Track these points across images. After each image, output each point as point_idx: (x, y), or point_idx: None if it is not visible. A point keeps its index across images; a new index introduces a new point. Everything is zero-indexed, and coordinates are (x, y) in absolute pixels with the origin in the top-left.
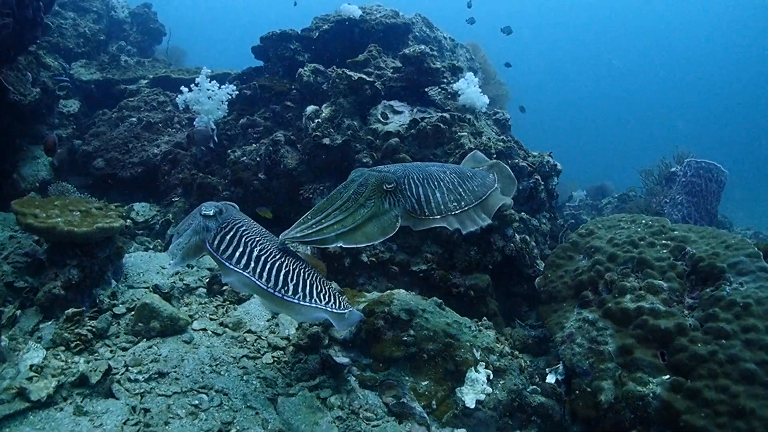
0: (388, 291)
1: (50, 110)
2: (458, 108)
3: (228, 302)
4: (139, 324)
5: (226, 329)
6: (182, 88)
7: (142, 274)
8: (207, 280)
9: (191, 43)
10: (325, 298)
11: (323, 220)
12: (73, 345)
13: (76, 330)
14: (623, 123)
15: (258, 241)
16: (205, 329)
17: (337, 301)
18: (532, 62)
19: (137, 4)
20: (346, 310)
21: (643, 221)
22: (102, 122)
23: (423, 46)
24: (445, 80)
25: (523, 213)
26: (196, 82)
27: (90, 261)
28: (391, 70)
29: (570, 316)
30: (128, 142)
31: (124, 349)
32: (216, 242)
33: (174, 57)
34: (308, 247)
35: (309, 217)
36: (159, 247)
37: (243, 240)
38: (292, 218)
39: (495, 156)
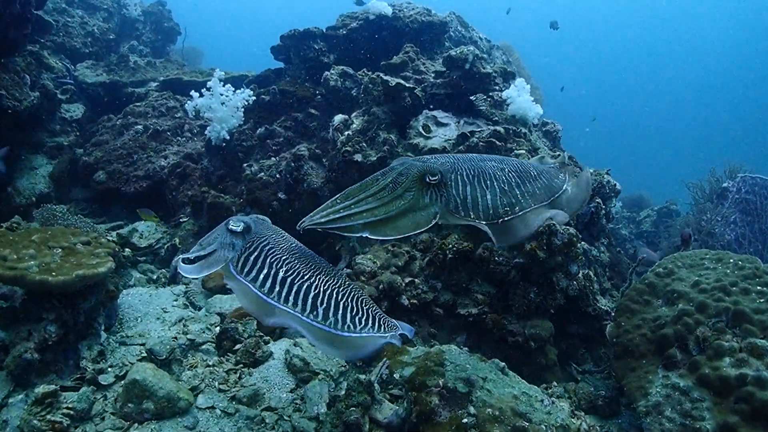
0: (436, 347)
1: (51, 116)
2: (507, 119)
3: (242, 364)
4: (129, 405)
5: (240, 405)
6: (192, 93)
7: (139, 320)
8: (217, 328)
9: (208, 43)
10: (362, 323)
11: (353, 206)
12: None
13: (48, 417)
14: (656, 128)
15: (284, 260)
16: (213, 407)
17: (377, 323)
18: (559, 62)
19: (151, 2)
20: (388, 333)
21: (731, 260)
22: (106, 130)
23: (471, 47)
24: (497, 87)
25: (583, 242)
26: (208, 86)
27: (72, 313)
28: (433, 75)
29: (654, 380)
30: (133, 153)
31: None
32: (240, 264)
33: (190, 57)
34: None
35: (337, 201)
36: (163, 278)
37: (268, 260)
38: (318, 249)
39: None
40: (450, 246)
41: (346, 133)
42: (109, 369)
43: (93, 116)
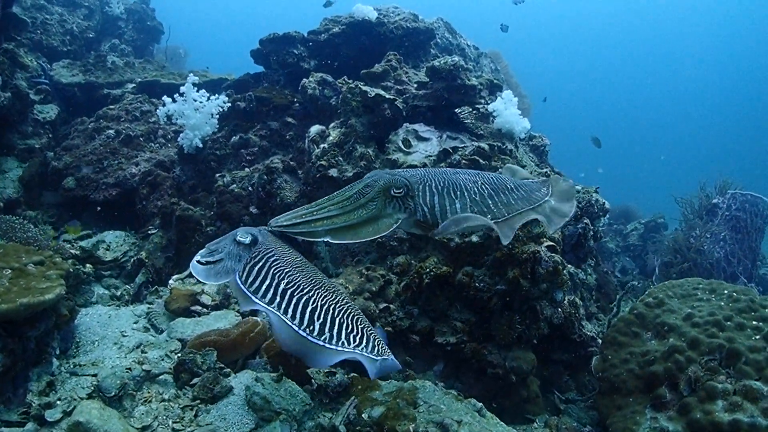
0: (410, 383)
1: (23, 117)
2: (493, 133)
3: (198, 401)
4: None
5: None
6: (165, 98)
7: (96, 344)
8: (177, 356)
9: (194, 43)
10: (355, 341)
11: (316, 213)
12: None
13: None
14: (643, 137)
15: (287, 272)
16: None
17: (371, 344)
18: (542, 67)
19: (134, 0)
20: (379, 358)
21: (725, 291)
22: (77, 133)
23: (456, 58)
24: (482, 100)
25: (569, 266)
26: (181, 91)
27: (19, 342)
28: (416, 86)
29: (641, 421)
30: (103, 159)
31: None
32: (245, 274)
33: (174, 57)
34: None
35: (302, 209)
36: (127, 295)
37: (271, 272)
38: None
39: None
40: (427, 270)
41: (322, 146)
42: (58, 402)
43: (68, 117)
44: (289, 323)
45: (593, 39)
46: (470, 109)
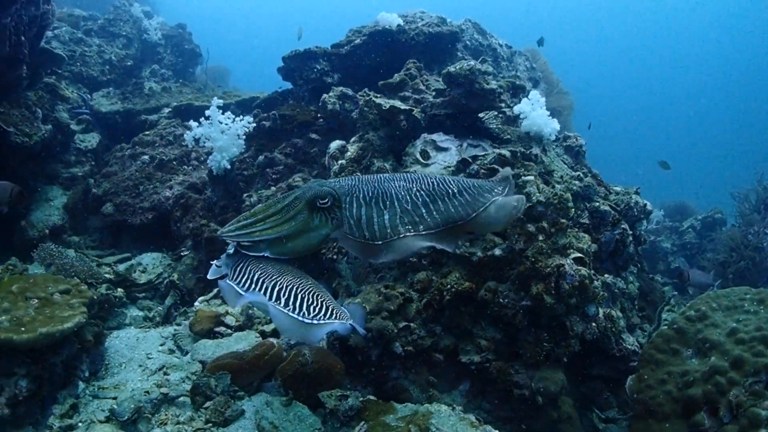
0: (425, 408)
1: (65, 147)
2: (520, 137)
3: (211, 424)
4: None
5: None
6: (191, 122)
7: (123, 366)
8: (194, 379)
9: (236, 62)
10: (314, 311)
11: (254, 225)
12: None
13: None
14: (701, 129)
15: (261, 267)
16: None
17: (329, 312)
18: (589, 60)
19: (171, 25)
20: (336, 322)
21: None
22: (115, 160)
23: (472, 62)
24: (502, 104)
25: (606, 276)
26: (206, 114)
27: (43, 367)
28: (434, 94)
29: None
30: (139, 184)
31: None
32: (232, 272)
33: (215, 76)
34: (323, 342)
35: (242, 218)
36: (158, 317)
37: (249, 267)
38: (316, 280)
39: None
40: (448, 286)
41: (340, 161)
42: (80, 424)
43: (110, 144)
44: (265, 300)
45: (638, 29)
46: (495, 113)
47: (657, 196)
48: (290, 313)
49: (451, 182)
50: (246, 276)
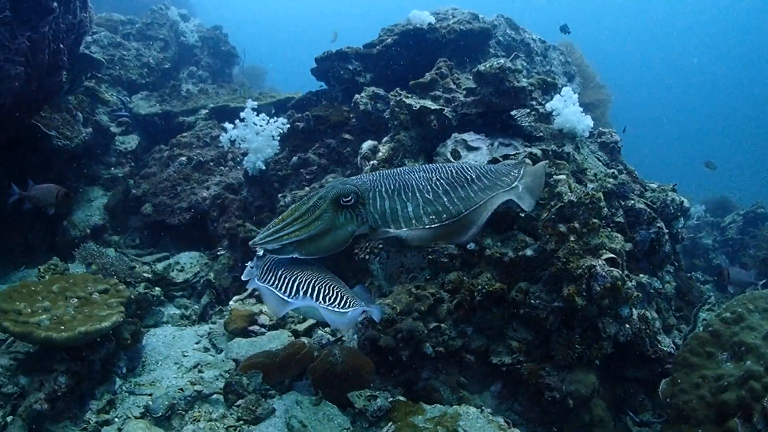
0: (453, 409)
1: (106, 149)
2: (553, 134)
3: (242, 421)
4: None
5: None
6: (226, 124)
7: (159, 363)
8: (227, 377)
9: (273, 61)
10: (329, 300)
11: (282, 229)
12: None
13: None
14: (745, 121)
15: (284, 265)
16: None
17: (343, 301)
18: (623, 54)
19: (208, 27)
20: (349, 310)
21: None
22: (154, 161)
23: (502, 60)
24: (533, 101)
25: (641, 275)
26: (241, 116)
27: (82, 364)
28: (464, 93)
29: None
30: (177, 185)
31: None
32: (261, 272)
33: (252, 77)
34: (354, 342)
35: (271, 225)
36: (194, 315)
37: (273, 266)
38: (350, 285)
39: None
40: (479, 287)
41: (372, 162)
42: (116, 419)
43: (149, 146)
44: (275, 291)
45: (681, 20)
46: (528, 111)
47: (698, 191)
48: (319, 305)
49: (469, 168)
50: (271, 273)
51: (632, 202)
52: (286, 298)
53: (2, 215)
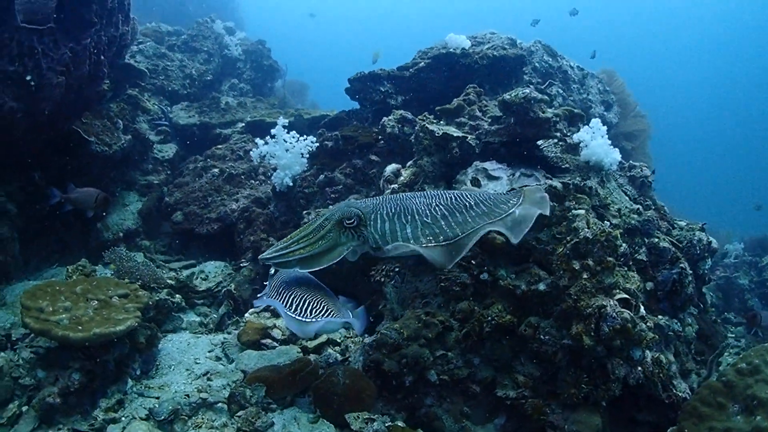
0: None
1: (144, 156)
2: (579, 166)
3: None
4: None
5: None
6: (257, 140)
7: (172, 368)
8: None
9: (315, 77)
10: (313, 313)
11: (289, 246)
12: None
13: None
14: None
15: (286, 283)
16: None
17: (328, 314)
18: (671, 82)
19: (251, 41)
20: (323, 320)
21: None
22: (188, 171)
23: (528, 90)
24: (557, 133)
25: (660, 317)
26: (272, 133)
27: (95, 363)
28: (489, 121)
29: None
30: (208, 195)
31: None
32: (269, 288)
33: (295, 91)
34: (358, 363)
35: (280, 243)
36: (211, 324)
37: (278, 283)
38: (366, 304)
39: (625, 234)
40: (489, 318)
41: (392, 186)
42: (123, 419)
43: (186, 155)
44: (281, 308)
45: (730, 50)
46: (555, 141)
47: (742, 227)
48: (294, 316)
49: (469, 196)
50: (275, 290)
51: (656, 240)
52: (292, 315)
53: (41, 215)
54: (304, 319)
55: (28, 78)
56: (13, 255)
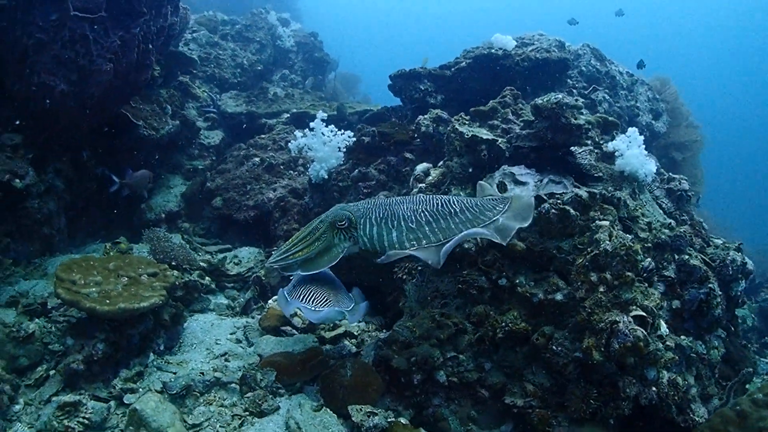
0: None
1: (190, 141)
2: (613, 176)
3: (248, 413)
4: (131, 427)
5: None
6: (296, 132)
7: (194, 346)
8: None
9: (368, 69)
10: (321, 305)
11: (289, 249)
12: None
13: (65, 421)
14: None
15: (301, 281)
16: None
17: (332, 305)
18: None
19: (304, 33)
20: (324, 309)
21: None
22: (231, 158)
23: (560, 95)
24: (589, 141)
25: (683, 336)
26: (311, 126)
27: (120, 336)
28: (521, 125)
29: None
30: (247, 183)
31: None
32: (289, 288)
33: (346, 83)
34: (369, 358)
35: (282, 247)
36: (238, 307)
37: (296, 280)
38: (385, 302)
39: (653, 249)
40: (503, 324)
41: (420, 185)
42: (140, 390)
43: (232, 142)
44: (299, 303)
45: None
46: (591, 149)
47: None
48: (303, 305)
49: (455, 203)
50: (293, 285)
51: (687, 257)
52: (305, 307)
53: (88, 192)
54: (312, 308)
55: (80, 63)
56: (58, 229)
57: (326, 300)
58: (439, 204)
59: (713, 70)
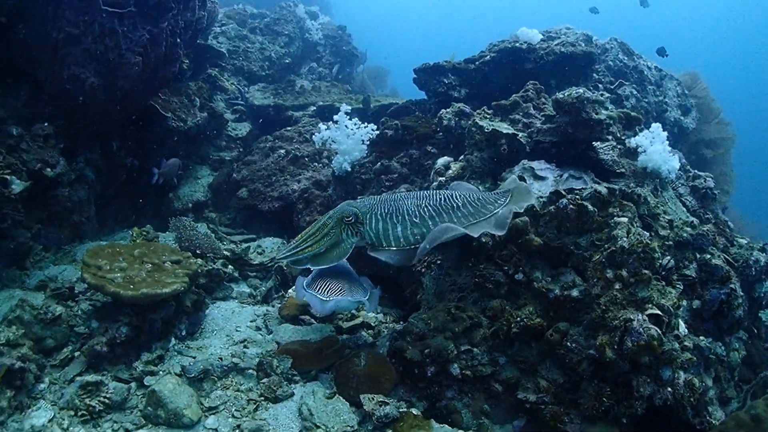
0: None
1: (218, 133)
2: (635, 172)
3: (263, 398)
4: (149, 408)
5: None
6: (320, 125)
7: (214, 333)
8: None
9: (397, 63)
10: (332, 294)
11: (299, 245)
12: (80, 414)
13: (87, 399)
14: None
15: (319, 273)
16: (216, 430)
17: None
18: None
19: (332, 26)
20: (333, 298)
21: None
22: (257, 150)
23: (581, 90)
24: (610, 136)
25: (702, 337)
26: (335, 119)
27: (142, 320)
28: (542, 119)
29: None
30: (272, 175)
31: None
32: (309, 279)
33: (374, 77)
34: (384, 349)
35: (292, 242)
36: (259, 296)
37: (315, 273)
38: (402, 294)
39: (674, 247)
40: (518, 319)
41: (440, 179)
42: (160, 372)
43: (259, 134)
44: (315, 294)
45: None
46: (613, 144)
47: None
48: (313, 293)
49: (458, 197)
50: (312, 281)
51: (709, 256)
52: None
53: (118, 183)
54: (322, 297)
55: (110, 57)
56: (88, 217)
57: (340, 290)
58: (442, 199)
59: (745, 65)
